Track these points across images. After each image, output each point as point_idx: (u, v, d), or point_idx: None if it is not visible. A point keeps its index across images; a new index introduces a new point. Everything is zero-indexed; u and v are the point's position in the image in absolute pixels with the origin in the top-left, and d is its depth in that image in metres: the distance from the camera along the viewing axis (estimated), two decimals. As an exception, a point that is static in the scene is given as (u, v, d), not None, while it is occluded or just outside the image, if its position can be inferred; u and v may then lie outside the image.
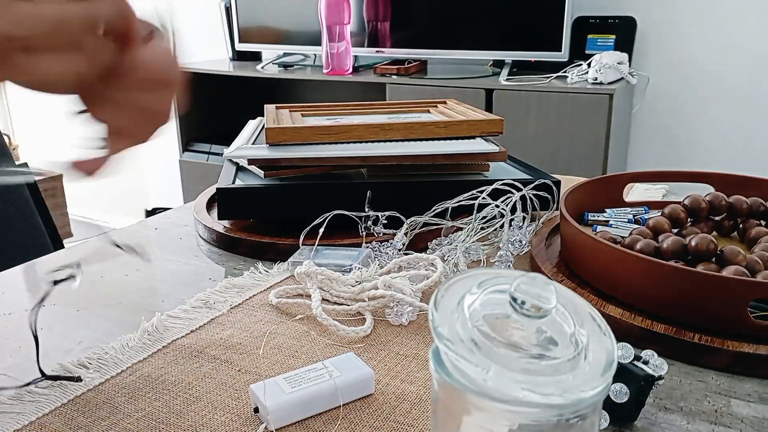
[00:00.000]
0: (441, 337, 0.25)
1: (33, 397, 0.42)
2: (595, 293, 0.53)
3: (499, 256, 0.61)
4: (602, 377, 0.25)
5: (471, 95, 1.88)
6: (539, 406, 0.24)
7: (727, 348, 0.45)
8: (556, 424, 0.25)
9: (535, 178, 0.72)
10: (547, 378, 0.24)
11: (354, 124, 0.72)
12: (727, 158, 1.98)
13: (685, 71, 1.99)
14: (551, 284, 0.26)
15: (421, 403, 0.41)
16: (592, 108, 1.75)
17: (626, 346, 0.39)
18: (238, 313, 0.54)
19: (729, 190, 0.66)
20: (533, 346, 0.25)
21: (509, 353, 0.25)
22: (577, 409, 0.24)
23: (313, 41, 2.23)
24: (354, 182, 0.72)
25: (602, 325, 0.27)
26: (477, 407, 0.25)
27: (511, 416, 0.25)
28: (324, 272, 0.55)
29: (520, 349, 0.25)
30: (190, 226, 0.76)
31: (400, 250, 0.63)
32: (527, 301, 0.25)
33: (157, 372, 0.45)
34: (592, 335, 0.26)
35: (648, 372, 0.38)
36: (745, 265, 0.52)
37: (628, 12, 1.99)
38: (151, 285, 0.61)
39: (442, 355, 0.26)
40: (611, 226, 0.66)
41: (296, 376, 0.41)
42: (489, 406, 0.24)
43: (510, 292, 0.26)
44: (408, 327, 0.51)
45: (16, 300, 0.58)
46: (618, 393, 0.37)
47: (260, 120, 0.91)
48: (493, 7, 2.00)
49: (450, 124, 0.74)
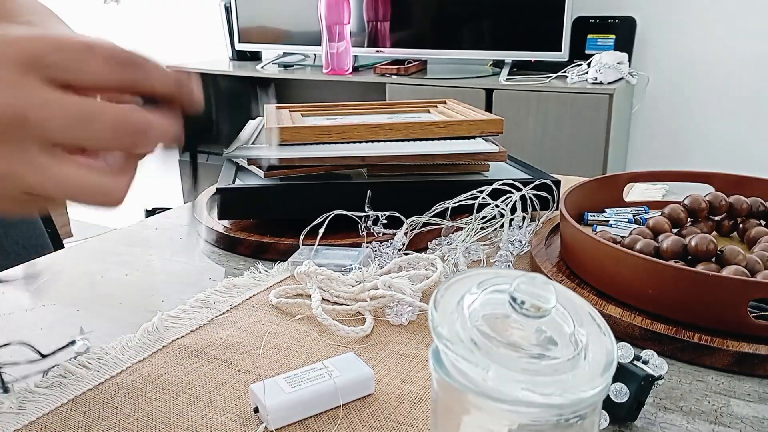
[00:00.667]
0: (441, 337, 0.25)
1: (33, 397, 0.42)
2: (595, 293, 0.53)
3: (499, 256, 0.61)
4: (602, 377, 0.25)
5: (471, 95, 1.88)
6: (539, 406, 0.24)
7: (727, 348, 0.45)
8: (556, 424, 0.25)
9: (535, 178, 0.72)
10: (546, 378, 0.24)
11: (354, 124, 0.72)
12: (727, 158, 1.98)
13: (685, 71, 1.99)
14: (551, 284, 0.26)
15: (421, 403, 0.41)
16: (592, 108, 1.75)
17: (626, 346, 0.39)
18: (238, 313, 0.54)
19: (729, 190, 0.66)
20: (533, 346, 0.25)
21: (509, 353, 0.25)
22: (577, 408, 0.24)
23: (313, 41, 2.23)
24: (354, 182, 0.72)
25: (602, 325, 0.27)
26: (477, 407, 0.25)
27: (510, 416, 0.25)
28: (324, 272, 0.55)
29: (519, 349, 0.25)
30: (190, 226, 0.76)
31: (400, 250, 0.63)
32: (527, 300, 0.25)
33: (157, 372, 0.45)
34: (592, 335, 0.26)
35: (648, 372, 0.38)
36: (745, 265, 0.52)
37: (628, 12, 1.99)
38: (151, 285, 0.61)
39: (441, 355, 0.26)
40: (611, 226, 0.66)
41: (296, 376, 0.41)
42: (489, 406, 0.24)
43: (510, 292, 0.26)
44: (408, 327, 0.51)
45: (16, 300, 0.58)
46: (618, 393, 0.37)
47: (260, 120, 0.91)
48: (493, 7, 2.00)
49: (450, 124, 0.74)
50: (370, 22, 2.17)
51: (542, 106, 1.81)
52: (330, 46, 2.13)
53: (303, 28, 2.26)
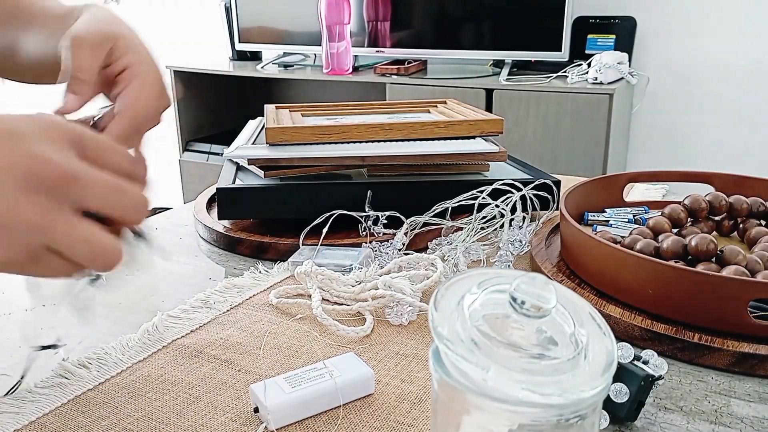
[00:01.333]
0: (441, 337, 0.25)
1: (33, 397, 0.42)
2: (595, 293, 0.53)
3: (499, 256, 0.61)
4: (602, 377, 0.25)
5: (471, 95, 1.88)
6: (539, 406, 0.24)
7: (727, 348, 0.45)
8: (556, 424, 0.25)
9: (535, 178, 0.72)
10: (546, 378, 0.24)
11: (354, 124, 0.72)
12: (727, 158, 1.98)
13: (685, 71, 1.99)
14: (551, 284, 0.26)
15: (421, 403, 0.41)
16: (592, 108, 1.75)
17: (626, 346, 0.39)
18: (238, 313, 0.54)
19: (729, 190, 0.66)
20: (533, 346, 0.25)
21: (509, 353, 0.25)
22: (577, 408, 0.24)
23: (313, 41, 2.22)
24: (354, 182, 0.72)
25: (602, 325, 0.27)
26: (477, 407, 0.25)
27: (510, 416, 0.25)
28: (324, 272, 0.55)
29: (520, 349, 0.25)
30: (190, 226, 0.76)
31: (400, 250, 0.63)
32: (527, 300, 0.25)
33: (157, 372, 0.45)
34: (592, 335, 0.26)
35: (648, 372, 0.38)
36: (745, 265, 0.52)
37: (628, 12, 1.99)
38: (151, 285, 0.61)
39: (442, 355, 0.26)
40: (611, 226, 0.66)
41: (296, 376, 0.41)
42: (489, 406, 0.24)
43: (510, 292, 0.26)
44: (408, 327, 0.51)
45: (16, 300, 0.58)
46: (618, 393, 0.37)
47: (260, 120, 0.91)
48: (492, 7, 2.00)
49: (450, 124, 0.74)
50: (370, 22, 2.17)
51: (542, 106, 1.81)
52: (330, 46, 2.13)
53: (303, 28, 2.26)
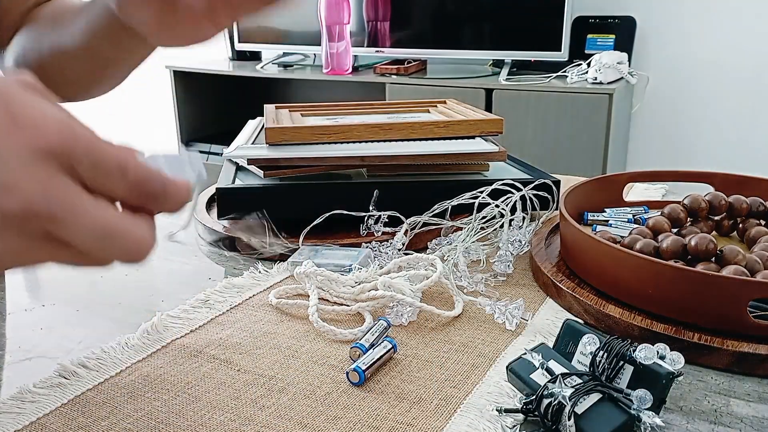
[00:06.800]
0: None
1: (33, 397, 0.42)
2: (595, 293, 0.53)
3: (499, 256, 0.61)
4: None
5: (471, 95, 1.88)
6: None
7: (727, 348, 0.45)
8: None
9: (535, 178, 0.72)
10: None
11: (354, 124, 0.72)
12: (727, 158, 1.98)
13: (685, 71, 1.99)
14: None
15: (420, 403, 0.41)
16: (592, 108, 1.75)
17: (648, 347, 0.39)
18: (238, 313, 0.54)
19: (729, 190, 0.66)
20: None
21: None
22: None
23: (313, 41, 2.23)
24: (354, 182, 0.72)
25: None
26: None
27: None
28: (323, 272, 0.55)
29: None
30: (190, 225, 0.76)
31: (399, 250, 0.63)
32: None
33: (157, 372, 0.45)
34: None
35: (669, 369, 0.38)
36: (745, 265, 0.52)
37: (628, 12, 1.99)
38: (151, 285, 0.61)
39: None
40: (611, 225, 0.66)
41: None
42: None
43: None
44: (408, 327, 0.51)
45: (16, 300, 0.58)
46: (642, 400, 0.37)
47: (260, 120, 0.91)
48: (493, 6, 2.00)
49: (450, 124, 0.74)
50: (370, 21, 2.17)
51: (542, 106, 1.81)
52: (330, 46, 2.13)
53: (303, 28, 2.26)
